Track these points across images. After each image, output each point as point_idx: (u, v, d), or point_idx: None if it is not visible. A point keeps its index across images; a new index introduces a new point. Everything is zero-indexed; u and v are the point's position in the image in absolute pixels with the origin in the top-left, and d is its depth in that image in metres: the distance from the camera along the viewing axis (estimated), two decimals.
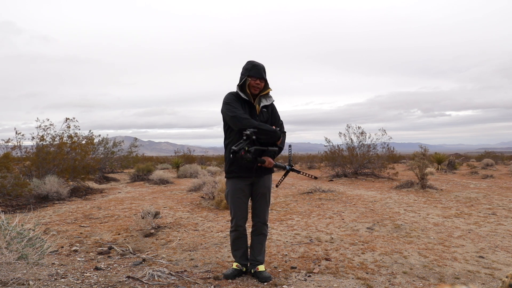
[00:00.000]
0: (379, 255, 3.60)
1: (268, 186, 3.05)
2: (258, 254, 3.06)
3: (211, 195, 6.84)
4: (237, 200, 2.96)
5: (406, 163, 24.17)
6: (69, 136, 9.56)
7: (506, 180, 12.19)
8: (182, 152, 22.93)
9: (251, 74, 2.88)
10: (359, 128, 13.90)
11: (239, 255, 3.09)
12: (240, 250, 3.10)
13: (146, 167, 13.35)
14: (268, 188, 3.04)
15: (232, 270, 3.05)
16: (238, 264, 3.08)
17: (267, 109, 3.03)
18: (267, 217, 3.09)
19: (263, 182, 3.00)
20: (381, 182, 11.57)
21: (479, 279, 3.00)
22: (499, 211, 6.09)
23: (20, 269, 2.64)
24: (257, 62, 2.93)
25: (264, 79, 2.92)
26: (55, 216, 5.70)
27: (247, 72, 2.89)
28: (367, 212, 6.03)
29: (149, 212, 4.99)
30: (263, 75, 2.90)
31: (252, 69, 2.89)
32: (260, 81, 2.90)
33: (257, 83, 2.89)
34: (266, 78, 2.95)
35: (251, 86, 2.90)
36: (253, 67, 2.89)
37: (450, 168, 16.70)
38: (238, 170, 2.91)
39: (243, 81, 2.90)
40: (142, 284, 2.80)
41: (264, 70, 2.92)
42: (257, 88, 2.91)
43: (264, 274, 2.97)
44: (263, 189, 3.00)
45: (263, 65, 2.95)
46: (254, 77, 2.88)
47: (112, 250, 3.72)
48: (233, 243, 3.11)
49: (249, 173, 2.89)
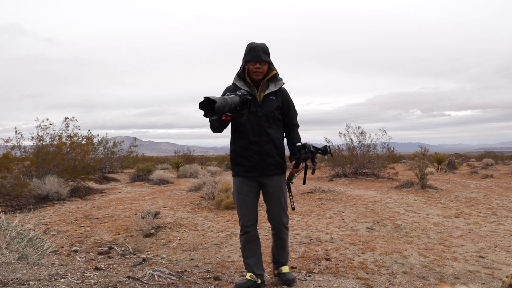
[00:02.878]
0: (379, 255, 3.60)
1: (279, 185, 2.68)
2: (280, 256, 2.85)
3: (211, 195, 6.84)
4: (242, 198, 2.66)
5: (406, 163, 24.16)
6: (68, 136, 9.53)
7: (506, 180, 12.19)
8: (182, 152, 22.94)
9: (249, 59, 2.49)
10: (359, 128, 13.91)
11: (252, 264, 2.68)
12: (253, 258, 2.68)
13: (146, 167, 13.34)
14: (279, 187, 2.67)
15: (245, 281, 2.64)
16: (252, 274, 2.66)
17: (276, 96, 2.62)
18: (284, 220, 2.74)
19: (272, 181, 2.66)
20: (381, 182, 11.56)
21: (479, 279, 3.00)
22: (499, 211, 6.09)
23: (20, 269, 2.64)
24: (255, 43, 2.52)
25: (265, 61, 2.50)
26: (55, 216, 5.70)
27: (245, 57, 2.52)
28: (367, 212, 6.03)
29: (149, 212, 4.99)
30: (261, 56, 2.47)
31: (249, 52, 2.49)
32: (260, 64, 2.49)
33: (256, 67, 2.50)
34: (269, 59, 2.53)
35: (251, 72, 2.54)
36: (250, 50, 2.49)
37: (450, 168, 16.70)
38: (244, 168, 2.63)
39: (241, 69, 2.57)
40: (142, 284, 2.80)
41: (263, 50, 2.50)
42: (259, 73, 2.52)
43: (288, 276, 2.75)
44: (273, 188, 2.66)
45: (263, 44, 2.53)
46: (252, 61, 2.49)
47: (112, 250, 3.72)
48: (243, 249, 2.71)
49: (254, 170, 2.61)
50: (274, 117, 2.62)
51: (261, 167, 2.60)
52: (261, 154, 2.58)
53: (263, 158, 2.59)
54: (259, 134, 2.57)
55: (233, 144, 2.70)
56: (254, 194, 2.69)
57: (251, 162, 2.60)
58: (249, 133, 2.58)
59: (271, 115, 2.60)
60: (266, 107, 2.59)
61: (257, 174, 2.62)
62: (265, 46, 2.55)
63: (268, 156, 2.60)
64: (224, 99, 2.19)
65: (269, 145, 2.58)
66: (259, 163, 2.60)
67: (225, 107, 2.20)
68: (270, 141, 2.61)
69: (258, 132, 2.57)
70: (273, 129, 2.64)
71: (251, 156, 2.60)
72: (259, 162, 2.59)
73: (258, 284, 2.65)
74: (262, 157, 2.59)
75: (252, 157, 2.60)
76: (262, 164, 2.60)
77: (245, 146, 2.61)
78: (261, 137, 2.57)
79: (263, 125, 2.59)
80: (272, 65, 2.60)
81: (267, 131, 2.59)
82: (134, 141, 18.31)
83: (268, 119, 2.59)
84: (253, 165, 2.60)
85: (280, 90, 2.66)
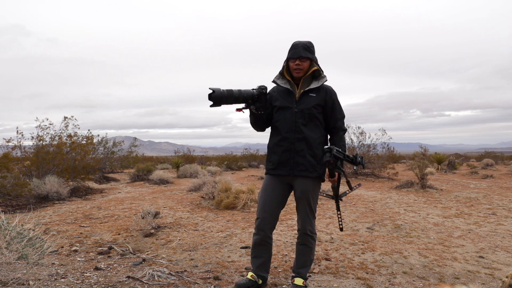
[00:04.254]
0: (379, 255, 3.60)
1: (305, 190, 2.52)
2: (300, 266, 2.64)
3: (211, 195, 6.84)
4: (263, 198, 2.56)
5: (406, 163, 24.17)
6: (68, 136, 9.51)
7: (506, 180, 12.19)
8: (182, 152, 22.93)
9: (290, 56, 2.46)
10: (359, 128, 13.93)
11: (256, 264, 2.64)
12: (259, 259, 2.64)
13: (146, 167, 13.33)
14: (304, 193, 2.52)
15: (245, 280, 2.61)
16: (253, 274, 2.63)
17: (317, 93, 2.50)
18: (308, 227, 2.58)
19: (300, 184, 2.52)
20: (381, 182, 11.56)
21: (479, 279, 3.00)
22: (499, 211, 6.09)
23: (20, 269, 2.64)
24: (298, 41, 2.47)
25: (306, 57, 2.42)
26: (55, 216, 5.70)
27: (288, 54, 2.48)
28: (367, 212, 6.03)
29: (149, 212, 4.99)
30: (301, 53, 2.41)
31: (291, 49, 2.46)
32: (300, 60, 2.42)
33: (296, 64, 2.43)
34: (311, 55, 2.45)
35: (292, 70, 2.48)
36: (292, 47, 2.46)
37: (450, 168, 16.70)
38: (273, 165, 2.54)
39: (282, 67, 2.54)
40: (142, 284, 2.80)
41: (305, 47, 2.43)
42: (299, 69, 2.45)
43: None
44: (299, 192, 2.53)
45: (306, 41, 2.47)
46: (292, 58, 2.44)
47: (112, 250, 3.72)
48: (253, 248, 2.66)
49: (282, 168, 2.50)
50: (311, 115, 2.48)
51: (290, 165, 2.49)
52: (291, 151, 2.48)
53: (293, 156, 2.48)
54: (292, 130, 2.47)
55: (269, 140, 2.64)
56: (278, 197, 2.58)
57: (280, 159, 2.51)
58: (282, 129, 2.50)
59: (308, 111, 2.47)
60: (303, 104, 2.48)
61: (284, 173, 2.51)
62: (308, 43, 2.47)
63: (299, 155, 2.47)
64: (228, 91, 2.26)
65: (301, 143, 2.46)
66: (288, 161, 2.49)
67: (228, 98, 2.25)
68: (303, 139, 2.47)
69: (291, 129, 2.48)
70: (309, 128, 2.49)
71: (281, 153, 2.51)
72: (288, 160, 2.49)
73: (259, 284, 2.62)
74: (292, 155, 2.48)
75: (282, 154, 2.51)
76: (291, 163, 2.48)
77: (276, 142, 2.54)
78: (294, 133, 2.46)
79: (298, 122, 2.48)
80: (314, 62, 2.49)
81: (300, 128, 2.47)
82: (134, 141, 18.32)
83: (304, 116, 2.47)
84: (282, 162, 2.50)
85: (324, 87, 2.53)
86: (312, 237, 2.62)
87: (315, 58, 2.50)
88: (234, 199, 6.34)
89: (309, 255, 2.65)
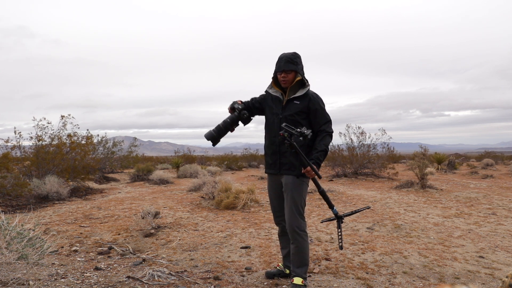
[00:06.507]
0: (379, 255, 3.60)
1: (288, 184, 2.71)
2: (296, 266, 2.74)
3: (211, 195, 6.84)
4: (269, 195, 2.96)
5: (406, 163, 24.17)
6: (68, 136, 9.47)
7: (506, 180, 12.19)
8: (182, 152, 22.93)
9: (276, 69, 2.72)
10: (359, 128, 13.93)
11: (283, 254, 3.01)
12: (284, 250, 3.00)
13: (146, 167, 13.33)
14: (287, 186, 2.72)
15: (274, 270, 3.03)
16: (280, 264, 3.05)
17: (301, 100, 2.71)
18: (294, 223, 2.69)
19: (285, 180, 2.75)
20: (381, 182, 11.56)
21: (479, 279, 3.00)
22: (499, 211, 6.09)
23: (20, 269, 2.64)
24: (283, 54, 2.70)
25: (289, 70, 2.65)
26: (55, 216, 5.70)
27: (275, 68, 2.73)
28: (367, 212, 6.02)
29: (149, 212, 4.99)
30: (284, 67, 2.64)
31: (277, 63, 2.70)
32: (285, 73, 2.67)
33: (282, 76, 2.68)
34: (294, 67, 2.65)
35: (280, 81, 2.73)
36: (278, 61, 2.70)
37: (450, 168, 16.70)
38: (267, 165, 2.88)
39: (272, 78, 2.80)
40: (142, 284, 2.80)
41: (288, 60, 2.65)
42: (285, 81, 2.69)
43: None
44: (285, 187, 2.75)
45: (291, 53, 2.69)
46: (278, 71, 2.69)
47: (112, 250, 3.72)
48: (279, 240, 3.04)
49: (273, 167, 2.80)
50: (294, 121, 2.70)
51: (277, 165, 2.80)
52: (278, 153, 2.78)
53: (279, 157, 2.78)
54: (278, 134, 2.69)
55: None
56: (277, 194, 2.89)
57: (270, 160, 2.84)
58: (270, 133, 2.82)
59: (291, 118, 2.71)
60: (288, 110, 2.74)
61: (274, 172, 2.82)
62: (291, 56, 2.68)
63: (283, 156, 2.75)
64: (216, 127, 2.78)
65: (285, 146, 2.65)
66: (275, 161, 2.80)
67: (220, 132, 2.76)
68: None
69: (276, 133, 2.72)
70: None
71: (271, 155, 2.83)
72: (275, 161, 2.80)
73: (286, 274, 2.96)
74: (278, 156, 2.79)
75: (271, 155, 2.83)
76: (278, 163, 2.79)
77: (267, 144, 2.87)
78: (279, 137, 2.66)
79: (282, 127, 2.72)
80: (299, 73, 2.70)
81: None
82: (134, 141, 18.31)
83: (287, 122, 2.69)
84: (272, 163, 2.83)
85: (308, 95, 2.73)
86: (300, 234, 2.72)
87: (300, 67, 2.72)
88: (234, 199, 6.35)
89: (302, 255, 2.74)
